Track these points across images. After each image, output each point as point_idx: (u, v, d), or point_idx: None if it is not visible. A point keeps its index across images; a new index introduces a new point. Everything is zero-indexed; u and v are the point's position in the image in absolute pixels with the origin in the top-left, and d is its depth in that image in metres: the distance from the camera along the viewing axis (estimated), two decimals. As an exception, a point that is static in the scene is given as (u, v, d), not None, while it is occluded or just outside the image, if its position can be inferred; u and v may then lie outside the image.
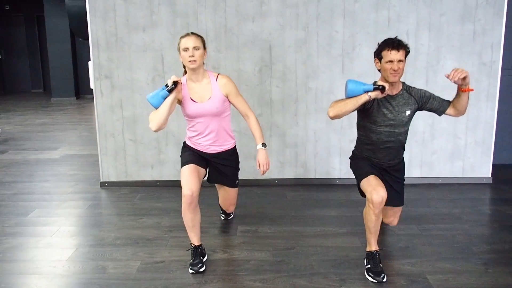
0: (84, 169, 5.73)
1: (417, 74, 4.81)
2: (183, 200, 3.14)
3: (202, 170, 3.36)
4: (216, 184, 3.69)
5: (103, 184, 5.02)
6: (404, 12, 4.71)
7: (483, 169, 5.01)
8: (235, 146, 3.53)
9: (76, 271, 3.21)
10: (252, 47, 4.76)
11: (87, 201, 4.62)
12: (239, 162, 3.61)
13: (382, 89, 2.90)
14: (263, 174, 3.34)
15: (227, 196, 3.67)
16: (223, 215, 4.06)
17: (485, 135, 4.94)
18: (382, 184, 3.07)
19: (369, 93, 2.90)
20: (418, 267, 3.20)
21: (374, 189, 3.00)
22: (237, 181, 3.59)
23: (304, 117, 4.90)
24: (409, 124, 3.21)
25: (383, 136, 3.14)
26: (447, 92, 4.79)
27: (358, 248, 3.46)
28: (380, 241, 3.54)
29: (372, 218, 3.03)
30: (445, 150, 4.97)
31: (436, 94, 4.85)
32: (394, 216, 3.49)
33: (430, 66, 4.80)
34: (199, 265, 3.16)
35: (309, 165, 5.01)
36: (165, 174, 4.99)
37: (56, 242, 3.68)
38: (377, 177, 3.14)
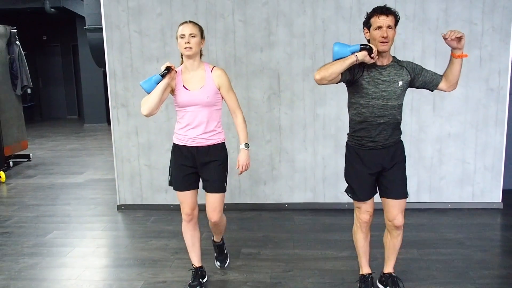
0: (104, 193, 5.99)
1: (424, 100, 4.88)
2: (183, 218, 3.32)
3: (195, 190, 3.35)
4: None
5: (119, 208, 5.25)
6: (409, 39, 4.81)
7: (493, 194, 4.99)
8: (224, 143, 3.38)
9: (82, 290, 3.40)
10: (261, 75, 4.95)
11: (103, 223, 4.84)
12: (227, 162, 3.39)
13: (369, 50, 2.80)
14: (240, 174, 3.36)
15: (212, 200, 3.32)
16: (218, 263, 3.76)
17: (494, 160, 4.95)
18: (372, 203, 3.12)
19: (356, 54, 2.80)
20: (411, 291, 3.26)
21: (363, 208, 3.09)
22: (225, 184, 3.36)
23: (312, 143, 5.02)
24: (403, 98, 3.04)
25: (376, 110, 2.95)
26: (455, 117, 4.90)
27: (355, 271, 3.52)
28: (378, 265, 3.61)
29: (360, 237, 3.12)
30: (454, 175, 4.99)
31: (444, 120, 4.94)
32: (398, 211, 3.11)
33: (437, 93, 4.83)
34: (197, 287, 3.30)
35: (318, 190, 5.11)
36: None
37: (69, 262, 3.90)
38: (369, 198, 3.11)
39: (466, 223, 4.57)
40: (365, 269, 3.20)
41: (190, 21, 3.25)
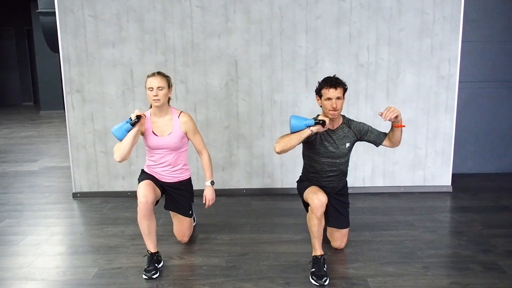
0: (60, 180, 5.89)
1: (378, 88, 5.00)
2: (139, 207, 3.32)
3: (158, 190, 3.59)
4: (170, 212, 3.85)
5: (75, 195, 5.18)
6: (364, 27, 4.90)
7: (443, 178, 5.18)
8: (190, 178, 3.79)
9: (34, 278, 3.35)
10: (219, 61, 4.95)
11: (58, 211, 4.77)
12: (193, 194, 3.85)
13: (323, 123, 3.16)
14: (207, 208, 3.74)
15: (180, 225, 3.80)
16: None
17: (444, 145, 5.12)
18: (322, 191, 3.32)
19: (311, 128, 3.16)
20: (361, 270, 3.36)
21: (315, 193, 3.27)
22: (190, 212, 3.80)
23: (270, 129, 5.07)
24: (350, 154, 3.51)
25: (326, 166, 3.44)
26: (407, 104, 5.01)
27: (308, 253, 3.58)
28: (331, 247, 3.72)
29: (315, 222, 3.22)
30: (406, 160, 5.15)
31: (397, 106, 5.08)
32: (341, 239, 3.64)
33: (390, 80, 4.99)
34: (152, 272, 3.32)
35: (276, 175, 5.18)
36: (136, 184, 5.12)
37: (21, 250, 3.83)
38: (320, 188, 3.40)
39: (417, 206, 4.73)
40: (318, 251, 3.29)
41: (158, 73, 3.46)
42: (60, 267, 3.51)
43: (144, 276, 3.30)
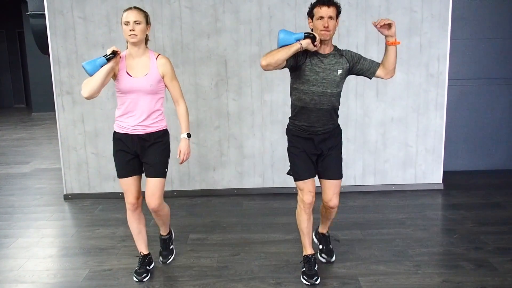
0: (51, 182, 5.87)
1: (368, 86, 5.01)
2: (127, 208, 3.30)
3: (138, 177, 3.33)
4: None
5: (66, 197, 5.16)
6: (353, 26, 4.91)
7: (434, 176, 5.20)
8: (166, 130, 3.36)
9: (25, 280, 3.34)
10: (208, 62, 4.94)
11: (49, 213, 4.75)
12: (169, 148, 3.37)
13: (313, 38, 2.92)
14: (181, 163, 3.34)
15: (151, 185, 3.26)
16: (161, 258, 3.64)
17: (435, 143, 5.14)
18: (313, 184, 3.21)
19: (301, 41, 2.91)
20: (353, 269, 3.38)
21: (306, 188, 3.17)
22: (165, 170, 3.33)
23: (260, 129, 5.07)
24: (342, 86, 3.18)
25: (316, 96, 3.09)
26: (397, 102, 5.04)
27: (299, 253, 3.59)
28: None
29: (304, 218, 3.21)
30: (397, 158, 5.16)
31: (387, 104, 5.09)
32: (333, 191, 3.28)
33: (380, 79, 4.98)
34: (143, 274, 3.31)
35: (267, 175, 5.18)
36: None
37: (12, 253, 3.82)
38: (311, 178, 3.22)
39: (408, 204, 4.75)
40: (309, 250, 3.29)
41: (135, 7, 3.19)
42: (51, 270, 3.50)
43: (134, 279, 3.29)
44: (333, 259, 3.51)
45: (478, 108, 5.79)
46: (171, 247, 3.68)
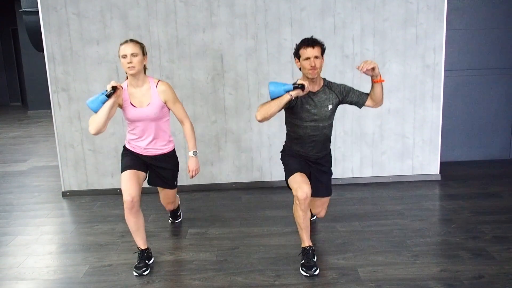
0: (49, 180, 5.86)
1: (364, 78, 4.97)
2: (124, 205, 3.30)
3: (142, 174, 3.45)
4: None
5: (64, 194, 5.16)
6: (348, 18, 4.91)
7: (432, 167, 5.21)
8: (174, 150, 3.64)
9: (25, 277, 3.35)
10: (204, 56, 4.94)
11: (48, 210, 4.75)
12: (178, 164, 3.71)
13: (302, 87, 3.06)
14: (191, 178, 3.64)
15: (165, 195, 3.80)
16: (170, 218, 4.25)
17: (432, 134, 5.15)
18: (307, 181, 3.27)
19: (290, 93, 3.06)
20: (351, 261, 3.39)
21: (299, 186, 3.21)
22: (175, 182, 3.72)
23: (257, 123, 5.07)
24: (333, 118, 3.41)
25: (309, 130, 3.33)
26: (394, 94, 5.04)
27: (298, 245, 3.60)
28: (321, 238, 3.76)
29: (300, 214, 3.23)
30: (394, 150, 5.18)
31: (384, 96, 5.09)
32: (321, 207, 3.66)
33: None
34: (143, 269, 3.32)
35: (265, 169, 5.18)
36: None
37: (11, 250, 3.82)
38: (303, 174, 3.34)
39: (406, 195, 4.77)
40: (307, 242, 3.30)
41: (131, 40, 3.33)
42: (51, 266, 3.51)
43: (134, 273, 3.30)
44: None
45: (474, 99, 5.81)
46: (179, 213, 4.24)
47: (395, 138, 5.15)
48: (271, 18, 4.88)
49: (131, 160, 3.46)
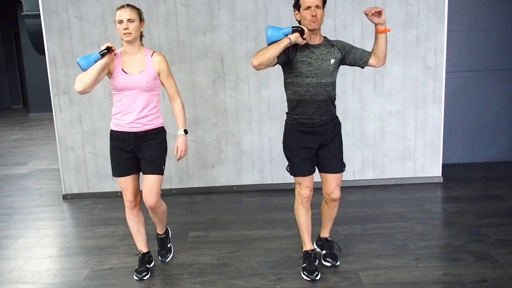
0: (50, 183, 5.85)
1: (365, 80, 5.00)
2: (126, 205, 3.30)
3: (136, 175, 3.32)
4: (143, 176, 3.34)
5: (65, 197, 5.15)
6: (349, 20, 4.90)
7: (434, 169, 5.19)
8: (163, 127, 3.34)
9: (25, 281, 3.34)
10: (205, 59, 4.93)
11: (48, 213, 4.74)
12: (167, 145, 3.36)
13: (301, 31, 2.90)
14: (178, 159, 3.32)
15: (148, 182, 3.24)
16: (159, 257, 3.62)
17: (433, 136, 5.13)
18: (312, 177, 3.20)
19: (289, 36, 2.88)
20: (353, 264, 3.37)
21: (303, 181, 3.17)
22: (163, 167, 3.30)
23: (258, 125, 5.06)
24: (335, 75, 3.17)
25: (311, 88, 3.06)
26: (395, 96, 5.03)
27: (299, 249, 3.59)
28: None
29: (302, 212, 3.21)
30: (396, 152, 5.16)
31: (385, 98, 5.08)
32: (335, 183, 3.25)
33: (377, 72, 4.98)
34: (143, 273, 3.31)
35: (266, 171, 5.17)
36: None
37: (12, 254, 3.81)
38: (309, 173, 3.20)
39: (408, 198, 4.75)
40: (308, 246, 3.28)
41: (128, 5, 3.16)
42: (51, 270, 3.50)
43: (135, 277, 3.29)
44: (338, 263, 3.37)
45: (476, 100, 5.79)
46: (169, 245, 3.66)
47: (397, 140, 5.13)
48: (271, 20, 4.87)
49: (121, 159, 3.26)
